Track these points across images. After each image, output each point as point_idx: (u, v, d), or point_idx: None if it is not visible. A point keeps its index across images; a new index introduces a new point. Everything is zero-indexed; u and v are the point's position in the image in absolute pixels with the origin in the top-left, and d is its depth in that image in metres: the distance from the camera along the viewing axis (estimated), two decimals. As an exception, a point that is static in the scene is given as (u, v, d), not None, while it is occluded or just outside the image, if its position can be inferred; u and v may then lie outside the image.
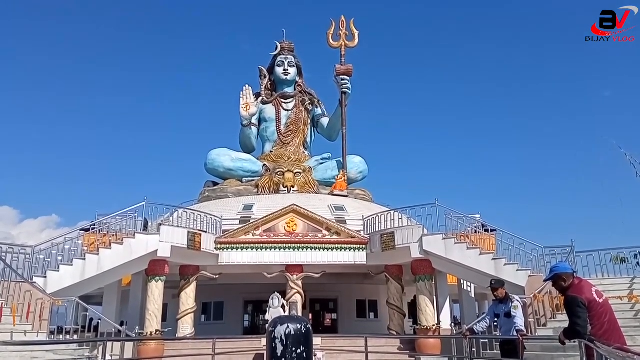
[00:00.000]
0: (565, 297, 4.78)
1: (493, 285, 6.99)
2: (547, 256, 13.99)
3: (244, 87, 25.22)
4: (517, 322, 6.56)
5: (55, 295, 12.07)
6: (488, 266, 13.94)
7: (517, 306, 6.73)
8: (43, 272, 12.91)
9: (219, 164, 24.23)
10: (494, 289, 6.95)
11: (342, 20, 25.36)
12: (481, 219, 17.78)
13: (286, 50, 27.16)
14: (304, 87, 27.53)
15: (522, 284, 13.31)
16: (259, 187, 22.62)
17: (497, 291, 6.91)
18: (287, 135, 26.33)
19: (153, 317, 14.46)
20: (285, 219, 16.82)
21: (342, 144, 24.21)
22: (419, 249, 14.89)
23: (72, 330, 11.92)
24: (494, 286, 6.96)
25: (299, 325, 2.55)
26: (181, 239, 14.71)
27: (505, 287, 7.12)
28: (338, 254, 16.51)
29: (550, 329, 11.27)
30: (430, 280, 15.67)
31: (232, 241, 16.34)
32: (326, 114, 27.01)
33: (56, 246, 13.66)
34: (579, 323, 4.51)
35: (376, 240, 16.07)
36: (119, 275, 14.72)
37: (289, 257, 16.32)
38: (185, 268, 15.97)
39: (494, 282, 7.04)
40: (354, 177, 24.58)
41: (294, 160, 24.45)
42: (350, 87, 24.40)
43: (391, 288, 16.52)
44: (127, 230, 15.04)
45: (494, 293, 7.01)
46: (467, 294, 18.21)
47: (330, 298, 22.18)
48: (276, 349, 2.49)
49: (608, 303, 4.70)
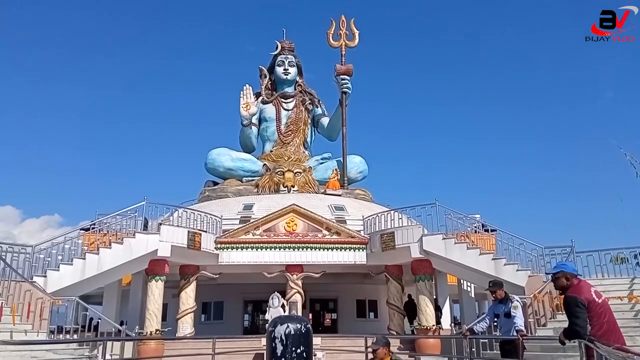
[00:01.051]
0: (564, 297, 4.81)
1: (491, 287, 7.01)
2: (547, 256, 13.98)
3: (244, 87, 25.23)
4: (517, 322, 6.57)
5: (55, 295, 12.07)
6: (488, 266, 13.94)
7: (517, 306, 6.74)
8: (43, 271, 12.91)
9: (219, 163, 24.23)
10: (492, 291, 6.98)
11: (343, 20, 25.36)
12: (481, 219, 17.80)
13: (286, 49, 27.15)
14: (304, 87, 27.52)
15: (522, 284, 13.31)
16: (259, 187, 22.62)
17: (496, 293, 6.93)
18: (287, 135, 26.32)
19: (153, 316, 14.46)
20: (285, 218, 16.82)
21: (342, 143, 24.20)
22: (418, 249, 14.88)
23: (72, 329, 11.91)
24: (491, 288, 6.99)
25: (298, 325, 2.55)
26: (181, 238, 14.71)
27: (503, 287, 7.12)
28: (338, 254, 16.51)
29: (550, 329, 11.27)
30: (430, 280, 15.67)
31: (232, 241, 16.33)
32: (326, 114, 27.00)
33: (56, 245, 13.65)
34: (578, 323, 4.53)
35: (376, 240, 16.07)
36: (119, 274, 14.73)
37: (289, 256, 16.31)
38: (185, 268, 15.97)
39: (492, 284, 7.06)
40: (354, 177, 24.58)
41: (294, 160, 24.45)
42: (350, 86, 24.40)
43: (391, 288, 16.52)
44: (127, 230, 15.03)
45: (492, 295, 7.03)
46: (467, 294, 18.22)
47: (330, 298, 22.18)
48: (276, 349, 2.49)
49: (607, 303, 4.72)
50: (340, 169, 23.92)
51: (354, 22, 25.47)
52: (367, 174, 25.53)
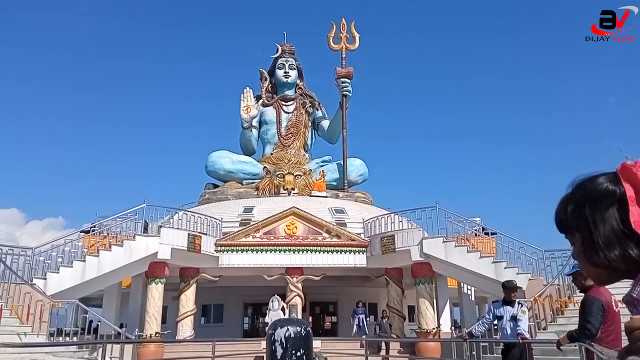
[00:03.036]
0: (585, 296, 4.71)
1: (508, 285, 6.68)
2: (547, 259, 13.97)
3: (245, 90, 25.25)
4: (521, 325, 6.48)
5: (55, 297, 12.06)
6: (488, 269, 13.92)
7: (526, 311, 6.62)
8: (43, 273, 12.91)
9: (219, 166, 24.23)
10: (514, 290, 6.67)
11: (343, 23, 25.39)
12: (481, 222, 17.79)
13: (287, 52, 27.18)
14: (304, 90, 27.54)
15: (523, 287, 13.28)
16: (259, 190, 22.62)
17: (511, 292, 6.63)
18: (288, 137, 26.33)
19: (153, 319, 14.45)
20: (285, 221, 16.82)
21: (343, 146, 24.21)
22: (419, 252, 14.88)
23: (72, 332, 11.91)
24: (509, 286, 6.63)
25: (299, 328, 2.54)
26: (181, 241, 14.70)
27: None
28: (338, 257, 16.50)
29: (551, 332, 11.24)
30: (430, 284, 15.65)
31: (232, 243, 16.32)
32: (327, 117, 27.00)
33: (56, 248, 13.66)
34: (593, 324, 4.44)
35: (376, 243, 16.05)
36: (118, 277, 14.71)
37: (289, 259, 16.30)
38: (185, 270, 15.96)
39: (510, 283, 6.78)
40: (354, 180, 24.59)
41: (294, 163, 24.46)
42: (350, 89, 24.41)
43: (391, 291, 16.49)
44: (127, 232, 15.02)
45: (511, 293, 6.73)
46: (467, 297, 18.19)
47: (330, 301, 22.15)
48: (276, 352, 2.48)
49: (620, 314, 4.66)
50: (340, 171, 23.94)
51: (354, 25, 25.53)
52: (368, 177, 25.56)
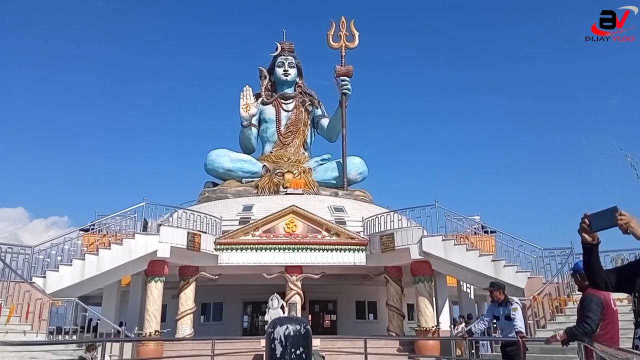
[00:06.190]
0: (584, 294, 4.77)
1: (489, 288, 6.91)
2: (546, 258, 13.99)
3: (244, 88, 25.21)
4: (517, 323, 6.55)
5: (54, 296, 12.07)
6: (487, 268, 13.95)
7: (517, 308, 6.71)
8: (42, 272, 12.91)
9: (218, 164, 24.22)
10: (490, 292, 6.90)
11: (343, 21, 25.36)
12: (481, 221, 17.80)
13: (286, 51, 27.15)
14: (304, 88, 27.51)
15: (522, 285, 13.32)
16: (259, 188, 22.62)
17: (492, 294, 6.85)
18: (287, 136, 26.32)
19: (152, 317, 14.46)
20: (284, 219, 16.82)
21: (342, 144, 24.21)
22: (418, 250, 14.89)
23: (71, 330, 11.92)
24: (489, 288, 6.89)
25: (298, 326, 2.55)
26: (181, 239, 14.71)
27: (505, 290, 7.05)
28: (337, 255, 16.51)
29: (550, 330, 11.26)
30: (429, 282, 15.67)
31: (231, 242, 16.33)
32: (326, 115, 26.99)
33: (55, 246, 13.66)
34: (593, 320, 4.50)
35: (376, 242, 16.07)
36: (118, 275, 14.72)
37: (288, 258, 16.31)
38: (185, 268, 15.96)
39: (491, 285, 6.97)
40: (354, 178, 24.59)
41: (293, 161, 24.45)
42: (350, 88, 24.40)
43: (390, 289, 16.51)
44: (126, 231, 15.03)
45: (490, 295, 6.95)
46: (467, 295, 18.21)
47: (330, 299, 22.17)
48: (275, 350, 2.49)
49: (617, 313, 4.73)
50: (340, 170, 23.95)
51: (353, 24, 25.52)
52: (367, 175, 25.54)
